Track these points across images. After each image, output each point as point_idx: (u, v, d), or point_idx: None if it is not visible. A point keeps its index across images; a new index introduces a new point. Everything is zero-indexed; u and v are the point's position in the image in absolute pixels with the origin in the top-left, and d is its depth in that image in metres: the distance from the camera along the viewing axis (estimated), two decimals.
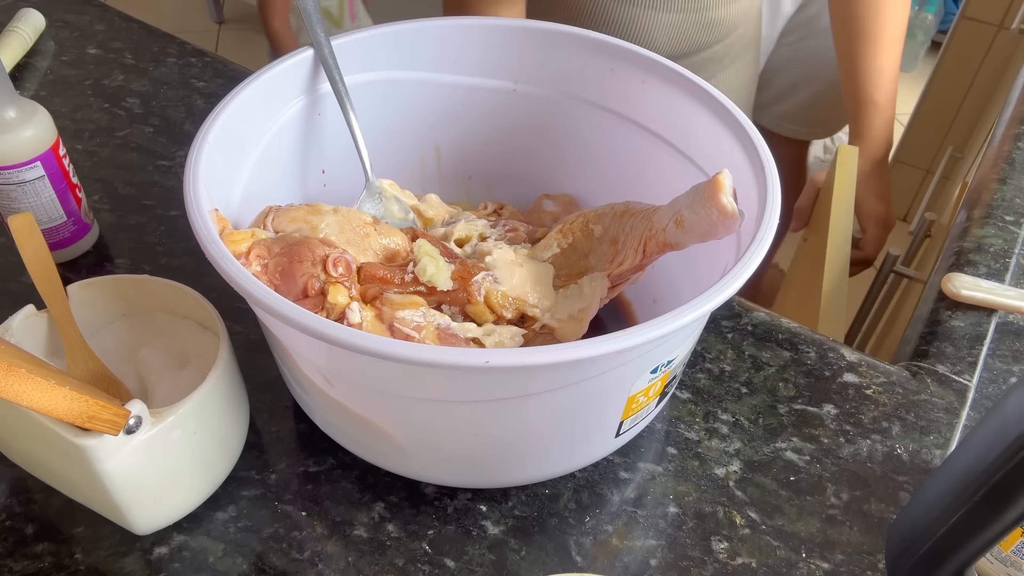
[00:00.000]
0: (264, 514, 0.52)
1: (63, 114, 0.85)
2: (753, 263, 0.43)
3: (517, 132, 0.66)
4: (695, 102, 0.56)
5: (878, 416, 0.59)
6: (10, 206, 0.64)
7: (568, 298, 0.53)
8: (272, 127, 0.57)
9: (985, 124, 1.52)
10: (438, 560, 0.50)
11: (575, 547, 0.51)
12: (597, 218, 0.55)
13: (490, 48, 0.62)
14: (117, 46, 0.96)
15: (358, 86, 0.60)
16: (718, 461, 0.56)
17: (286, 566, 0.50)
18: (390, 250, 0.54)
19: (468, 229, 0.58)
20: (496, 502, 0.53)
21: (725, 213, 0.45)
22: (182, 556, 0.50)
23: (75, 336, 0.52)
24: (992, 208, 0.77)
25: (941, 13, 2.55)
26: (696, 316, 0.40)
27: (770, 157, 0.50)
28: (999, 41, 1.72)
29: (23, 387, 0.38)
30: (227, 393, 0.50)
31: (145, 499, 0.48)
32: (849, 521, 0.53)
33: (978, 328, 0.66)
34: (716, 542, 0.52)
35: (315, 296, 0.49)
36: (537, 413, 0.46)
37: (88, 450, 0.43)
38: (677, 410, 0.59)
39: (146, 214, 0.74)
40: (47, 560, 0.49)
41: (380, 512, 0.53)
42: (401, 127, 0.65)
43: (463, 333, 0.50)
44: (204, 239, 0.43)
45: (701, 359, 0.63)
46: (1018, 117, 0.90)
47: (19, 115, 0.61)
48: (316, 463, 0.55)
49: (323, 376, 0.47)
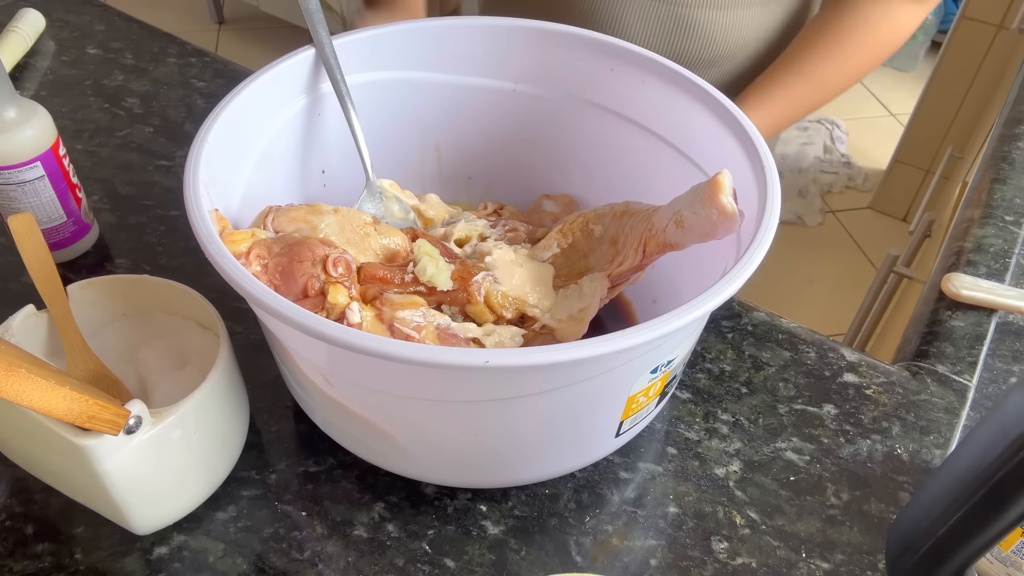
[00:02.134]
0: (264, 514, 0.52)
1: (63, 114, 0.85)
2: (753, 263, 0.43)
3: (517, 132, 0.66)
4: (695, 102, 0.56)
5: (878, 416, 0.59)
6: (10, 206, 0.64)
7: (568, 298, 0.53)
8: (272, 127, 0.57)
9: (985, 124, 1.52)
10: (438, 560, 0.50)
11: (575, 547, 0.51)
12: (597, 218, 0.55)
13: (490, 48, 0.62)
14: (117, 46, 0.96)
15: (358, 86, 0.60)
16: (718, 461, 0.56)
17: (286, 566, 0.50)
18: (390, 250, 0.54)
19: (468, 229, 0.58)
20: (496, 502, 0.53)
21: (725, 213, 0.45)
22: (182, 556, 0.50)
23: (75, 336, 0.52)
24: (992, 208, 0.77)
25: (941, 13, 2.55)
26: (696, 316, 0.40)
27: (770, 157, 0.50)
28: (999, 41, 1.72)
29: (23, 387, 0.38)
30: (227, 393, 0.50)
31: (145, 499, 0.48)
32: (849, 521, 0.53)
33: (978, 328, 0.66)
34: (716, 542, 0.52)
35: (315, 296, 0.49)
36: (537, 413, 0.46)
37: (88, 450, 0.43)
38: (677, 410, 0.59)
39: (146, 214, 0.74)
40: (47, 560, 0.49)
41: (380, 512, 0.53)
42: (401, 127, 0.65)
43: (463, 333, 0.50)
44: (204, 239, 0.43)
45: (701, 359, 0.63)
46: (1017, 117, 0.90)
47: (19, 115, 0.61)
48: (316, 463, 0.55)
49: (323, 376, 0.47)
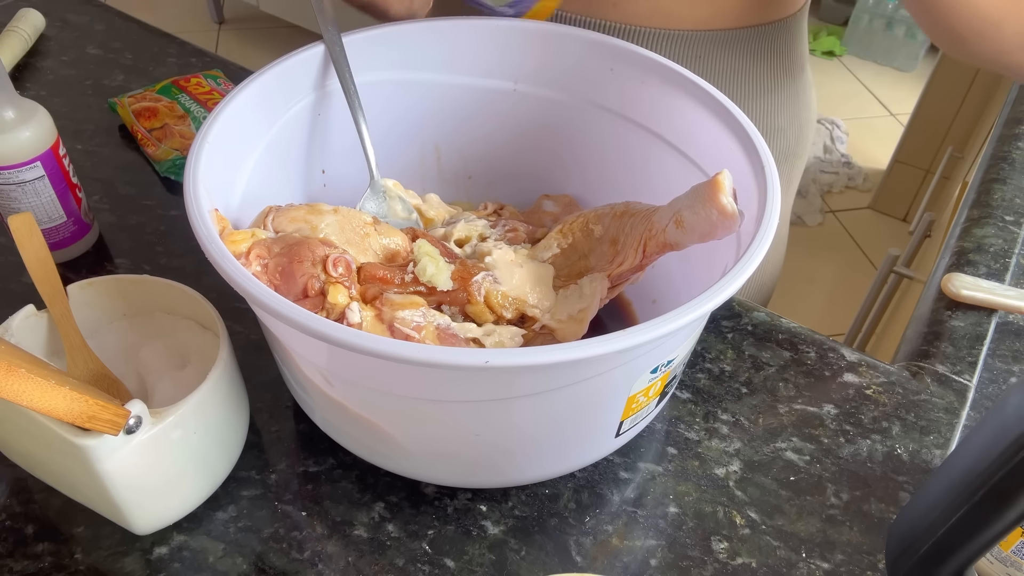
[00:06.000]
0: (264, 514, 0.52)
1: (63, 114, 0.85)
2: (753, 263, 0.43)
3: (517, 132, 0.66)
4: (695, 102, 0.56)
5: (878, 416, 0.59)
6: (10, 206, 0.64)
7: (568, 298, 0.53)
8: (272, 127, 0.57)
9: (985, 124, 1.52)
10: (438, 560, 0.50)
11: (575, 547, 0.51)
12: (597, 218, 0.55)
13: (490, 48, 0.62)
14: (117, 46, 0.96)
15: (358, 85, 0.60)
16: (718, 461, 0.56)
17: (286, 566, 0.50)
18: (390, 250, 0.54)
19: (468, 229, 0.58)
20: (496, 502, 0.53)
21: (725, 213, 0.45)
22: (182, 556, 0.50)
23: (75, 336, 0.52)
24: (992, 208, 0.77)
25: None
26: (696, 316, 0.40)
27: (770, 157, 0.50)
28: None
29: (23, 387, 0.38)
30: (227, 393, 0.50)
31: (145, 499, 0.48)
32: (849, 521, 0.53)
33: (978, 328, 0.66)
34: (716, 542, 0.52)
35: (315, 296, 0.49)
36: (537, 413, 0.46)
37: (88, 450, 0.43)
38: (677, 410, 0.59)
39: (146, 214, 0.74)
40: (47, 560, 0.49)
41: (380, 512, 0.53)
42: (401, 126, 0.65)
43: (463, 333, 0.49)
44: (204, 239, 0.43)
45: (701, 359, 0.63)
46: (1017, 117, 0.90)
47: (19, 115, 0.61)
48: (316, 463, 0.55)
49: (323, 376, 0.47)
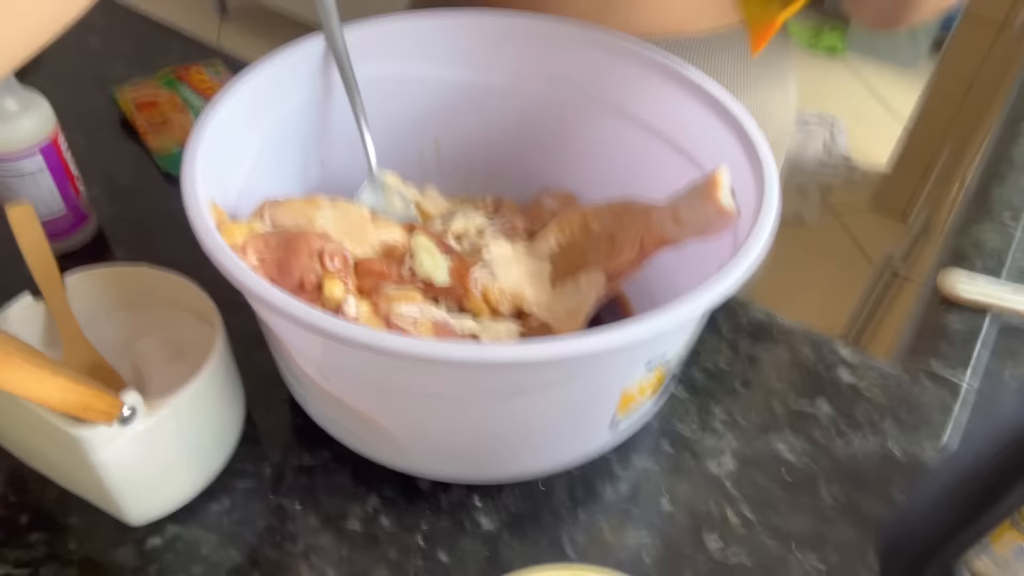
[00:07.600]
0: (258, 506, 0.52)
1: (64, 105, 0.84)
2: (748, 260, 0.43)
3: (516, 127, 0.66)
4: (693, 98, 0.56)
5: (873, 414, 0.59)
6: (9, 197, 0.64)
7: (565, 294, 0.53)
8: (270, 119, 0.57)
9: (985, 123, 1.52)
10: (432, 553, 0.50)
11: (569, 541, 0.52)
12: (595, 214, 0.55)
13: (489, 43, 0.62)
14: (119, 38, 0.96)
15: (358, 78, 0.60)
16: (712, 457, 0.56)
17: (280, 558, 0.50)
18: (387, 244, 0.54)
19: (466, 224, 0.58)
20: (490, 496, 0.53)
21: (722, 211, 0.45)
22: (176, 547, 0.50)
23: (72, 326, 0.52)
24: (990, 207, 0.77)
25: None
26: (689, 311, 0.40)
27: (768, 153, 0.50)
28: (1000, 40, 1.72)
29: (18, 376, 0.38)
30: (222, 385, 0.51)
31: (139, 490, 0.48)
32: (842, 518, 0.53)
33: (974, 327, 0.66)
34: (709, 538, 0.52)
35: (312, 290, 0.49)
36: (532, 407, 0.46)
37: (83, 440, 0.43)
38: (672, 406, 0.59)
39: (146, 206, 0.74)
40: (41, 550, 0.50)
41: (374, 505, 0.53)
42: (401, 119, 0.65)
43: (460, 328, 0.50)
44: (201, 232, 0.43)
45: (697, 356, 0.63)
46: (1017, 117, 0.90)
47: (19, 106, 0.61)
48: (311, 456, 0.55)
49: (319, 369, 0.47)
